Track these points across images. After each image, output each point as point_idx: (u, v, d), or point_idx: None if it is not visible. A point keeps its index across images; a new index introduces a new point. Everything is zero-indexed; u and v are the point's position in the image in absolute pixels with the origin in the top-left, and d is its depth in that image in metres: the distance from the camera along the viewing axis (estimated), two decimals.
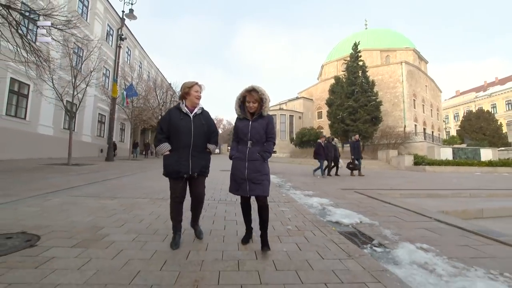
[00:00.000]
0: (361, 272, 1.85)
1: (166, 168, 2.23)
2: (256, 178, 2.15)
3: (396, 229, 2.96)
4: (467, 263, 2.03)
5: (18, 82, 12.05)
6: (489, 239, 2.69)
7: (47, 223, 2.69)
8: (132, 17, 14.86)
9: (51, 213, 3.09)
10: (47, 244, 2.14)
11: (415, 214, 3.69)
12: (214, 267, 1.85)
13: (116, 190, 4.98)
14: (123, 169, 9.41)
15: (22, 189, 4.47)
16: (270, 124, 2.27)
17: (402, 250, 2.25)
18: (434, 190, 6.57)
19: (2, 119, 11.17)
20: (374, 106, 26.46)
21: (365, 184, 7.59)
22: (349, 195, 5.25)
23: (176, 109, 2.31)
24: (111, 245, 2.19)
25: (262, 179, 2.17)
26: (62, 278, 1.61)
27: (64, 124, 15.28)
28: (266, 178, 2.22)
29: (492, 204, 4.82)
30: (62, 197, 4.06)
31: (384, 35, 40.05)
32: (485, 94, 52.37)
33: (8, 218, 2.82)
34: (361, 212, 3.69)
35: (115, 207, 3.51)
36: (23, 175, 6.39)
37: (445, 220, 3.37)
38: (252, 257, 2.05)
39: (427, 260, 2.05)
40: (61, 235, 2.37)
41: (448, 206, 4.59)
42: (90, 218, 2.95)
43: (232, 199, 4.25)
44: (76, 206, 3.50)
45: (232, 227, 2.83)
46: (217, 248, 2.22)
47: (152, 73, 29.30)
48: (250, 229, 2.37)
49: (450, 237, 2.74)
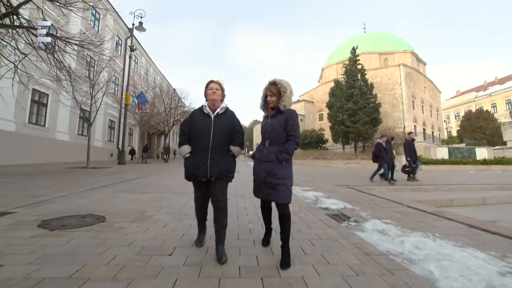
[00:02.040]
0: (335, 235, 2.68)
1: (186, 171, 2.17)
2: (271, 182, 1.97)
3: (372, 211, 3.78)
4: (412, 230, 2.84)
5: (39, 92, 13.06)
6: (441, 217, 3.50)
7: (102, 209, 3.55)
8: (141, 29, 15.87)
9: (101, 203, 3.96)
10: (113, 220, 3.00)
11: (391, 202, 4.51)
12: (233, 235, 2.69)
13: (143, 187, 5.85)
14: (139, 172, 10.29)
15: (66, 187, 5.35)
16: (291, 120, 2.02)
17: (369, 223, 3.08)
18: (417, 185, 7.36)
19: (25, 126, 12.16)
20: (373, 108, 27.24)
21: (357, 181, 8.39)
22: (341, 190, 6.07)
23: (199, 110, 2.26)
24: (158, 221, 3.04)
25: (277, 183, 1.96)
26: (135, 237, 2.46)
27: (78, 130, 16.27)
28: (283, 182, 1.97)
29: (463, 195, 5.62)
30: (101, 192, 4.93)
31: (382, 38, 40.88)
32: (485, 93, 52.84)
33: (72, 206, 3.69)
34: (347, 201, 4.51)
35: (148, 199, 4.37)
36: (58, 177, 7.29)
37: (414, 206, 4.18)
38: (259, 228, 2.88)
39: (384, 228, 2.87)
40: (118, 215, 3.23)
41: (424, 197, 5.40)
42: (133, 206, 3.80)
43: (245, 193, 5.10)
44: (117, 198, 4.37)
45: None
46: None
47: (157, 79, 30.37)
48: (269, 229, 2.28)
49: (411, 216, 3.55)
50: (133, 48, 15.83)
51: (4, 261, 1.86)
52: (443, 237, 2.59)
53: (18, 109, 11.46)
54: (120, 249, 2.14)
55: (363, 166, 18.98)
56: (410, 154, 8.73)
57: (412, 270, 1.87)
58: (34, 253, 2.00)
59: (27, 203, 3.78)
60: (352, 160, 21.32)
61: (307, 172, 12.14)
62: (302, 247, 2.28)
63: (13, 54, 5.99)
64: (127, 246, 2.21)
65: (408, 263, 2.00)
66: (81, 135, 16.41)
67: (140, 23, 15.82)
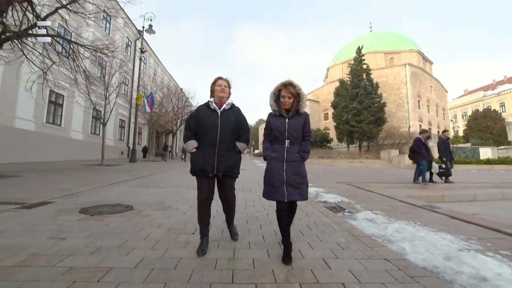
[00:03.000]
0: (330, 222, 3.13)
1: (192, 166, 2.20)
2: (296, 181, 2.03)
3: (366, 204, 4.21)
4: (398, 219, 3.27)
5: (55, 93, 13.74)
6: (428, 210, 3.91)
7: (127, 200, 4.06)
8: (151, 32, 16.45)
9: (124, 195, 4.48)
10: (139, 209, 3.50)
11: (385, 197, 4.92)
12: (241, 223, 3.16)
13: (157, 182, 6.38)
14: (150, 169, 10.86)
15: (89, 182, 5.91)
16: (308, 122, 2.16)
17: (361, 214, 3.51)
18: (412, 183, 7.71)
19: (43, 126, 12.86)
20: (377, 108, 27.42)
21: (358, 178, 8.78)
22: (341, 186, 6.49)
23: (205, 106, 2.28)
24: (178, 210, 3.53)
25: (301, 182, 2.06)
26: (162, 221, 2.95)
27: (91, 129, 16.98)
28: (305, 181, 2.10)
29: (455, 192, 5.98)
30: (122, 187, 5.47)
31: (388, 37, 40.80)
32: (493, 92, 52.23)
33: (100, 198, 4.21)
34: (345, 196, 4.94)
35: (164, 192, 4.88)
36: (78, 173, 7.89)
37: (406, 201, 4.59)
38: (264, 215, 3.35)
39: (373, 217, 3.30)
40: (143, 205, 3.73)
41: (418, 193, 5.78)
42: (153, 198, 4.31)
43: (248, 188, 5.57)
44: (136, 192, 4.88)
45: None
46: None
47: (165, 79, 31.05)
48: (289, 244, 2.01)
49: (400, 209, 3.96)
50: (144, 50, 16.43)
51: (65, 236, 2.37)
52: (423, 225, 3.01)
53: (37, 109, 12.18)
54: (152, 229, 2.63)
55: (367, 165, 19.27)
56: (446, 154, 8.08)
57: (389, 247, 2.31)
58: (84, 231, 2.50)
59: (60, 195, 4.31)
60: (356, 159, 21.60)
61: (311, 170, 12.52)
62: (301, 230, 2.74)
63: (41, 62, 6.57)
64: (157, 227, 2.70)
65: (387, 243, 2.44)
66: (94, 134, 17.13)
67: (150, 25, 16.39)
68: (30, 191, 4.50)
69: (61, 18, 6.83)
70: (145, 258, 1.92)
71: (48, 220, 2.86)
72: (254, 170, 11.93)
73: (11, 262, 1.80)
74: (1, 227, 2.56)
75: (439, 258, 2.05)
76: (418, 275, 1.79)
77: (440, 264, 1.95)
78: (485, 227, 3.04)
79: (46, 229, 2.54)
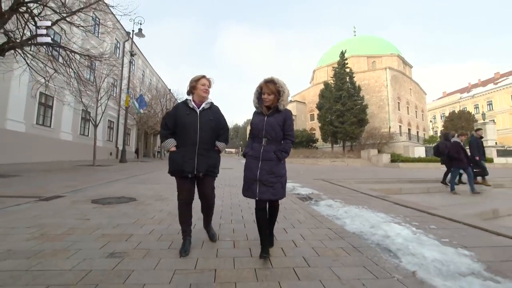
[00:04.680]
0: (297, 207, 3.94)
1: (171, 165, 2.14)
2: (268, 180, 2.00)
3: (331, 195, 5.06)
4: (351, 205, 4.11)
5: (45, 95, 13.96)
6: (380, 199, 4.80)
7: (129, 194, 4.72)
8: (141, 36, 16.88)
9: (125, 190, 5.13)
10: (142, 200, 4.19)
11: (350, 190, 5.81)
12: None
13: (152, 180, 7.03)
14: (141, 169, 11.40)
15: (88, 180, 6.49)
16: (288, 120, 2.10)
17: (324, 201, 4.35)
18: (382, 179, 8.73)
19: (33, 127, 13.10)
20: (359, 110, 28.76)
21: (335, 175, 9.71)
22: (316, 182, 7.36)
23: (183, 104, 2.22)
24: (174, 200, 4.21)
25: (274, 181, 2.01)
26: (162, 208, 3.66)
27: (80, 130, 17.20)
28: (280, 180, 2.04)
29: (411, 185, 6.97)
30: (120, 184, 6.09)
31: (370, 42, 42.59)
32: (468, 95, 55.30)
33: (104, 192, 4.85)
34: (317, 189, 5.79)
35: (160, 188, 5.55)
36: (74, 173, 8.38)
37: (366, 192, 5.48)
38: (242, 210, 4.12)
39: (332, 204, 4.15)
40: (144, 197, 4.42)
41: (379, 187, 6.72)
42: (151, 192, 4.99)
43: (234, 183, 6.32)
44: (135, 188, 5.54)
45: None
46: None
47: (153, 80, 31.24)
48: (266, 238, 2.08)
49: (358, 198, 4.83)
50: (133, 53, 16.84)
51: (89, 217, 3.05)
52: (368, 208, 3.87)
53: (28, 111, 12.45)
54: (155, 213, 3.35)
55: (348, 164, 20.43)
56: (479, 153, 7.39)
57: (335, 222, 3.14)
58: (102, 215, 3.19)
59: (67, 190, 4.92)
60: (339, 158, 22.78)
61: (294, 169, 13.42)
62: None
63: (41, 69, 7.08)
64: (159, 212, 3.43)
65: (334, 219, 3.27)
66: (83, 135, 17.35)
67: (140, 29, 16.82)
68: (38, 188, 5.07)
69: (60, 29, 7.32)
70: (155, 230, 2.65)
71: (69, 208, 3.52)
72: (240, 169, 12.65)
73: (58, 232, 2.49)
74: (33, 213, 3.20)
75: (366, 227, 2.89)
76: (347, 236, 2.62)
77: (365, 230, 2.79)
78: (416, 209, 3.93)
79: (71, 213, 3.21)
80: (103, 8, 7.71)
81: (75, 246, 2.14)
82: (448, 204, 5.20)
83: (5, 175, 6.87)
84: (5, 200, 3.82)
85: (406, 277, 1.76)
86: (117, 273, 1.71)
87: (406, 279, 1.72)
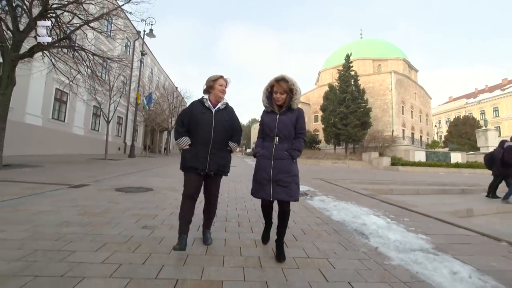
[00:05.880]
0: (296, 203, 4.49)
1: (183, 162, 2.17)
2: (283, 179, 1.98)
3: (326, 192, 5.60)
4: (342, 200, 4.66)
5: (60, 91, 14.72)
6: (370, 197, 5.33)
7: (145, 185, 5.33)
8: (151, 36, 17.54)
9: (140, 182, 5.74)
10: (158, 190, 4.79)
11: (344, 189, 6.34)
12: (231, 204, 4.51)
13: (163, 174, 7.64)
14: (150, 163, 12.06)
15: (105, 172, 7.12)
16: (301, 119, 2.11)
17: (318, 197, 4.90)
18: (377, 180, 9.22)
19: (49, 121, 13.85)
20: (363, 113, 29.13)
21: (334, 176, 10.23)
22: (314, 181, 7.90)
23: (199, 103, 2.24)
24: None
25: (289, 181, 1.99)
26: (177, 196, 4.24)
27: (91, 125, 17.96)
28: (295, 180, 2.02)
29: (402, 187, 7.47)
30: (135, 177, 6.71)
31: (377, 45, 42.76)
32: (475, 100, 55.10)
33: (123, 183, 5.46)
34: (313, 187, 6.33)
35: (173, 180, 6.15)
36: (90, 165, 9.05)
37: (358, 191, 6.01)
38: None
39: (325, 199, 4.69)
40: (159, 188, 5.02)
41: (372, 187, 7.23)
42: (165, 184, 5.59)
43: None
44: (149, 180, 6.15)
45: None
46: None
47: (161, 78, 31.99)
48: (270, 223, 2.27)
49: (350, 196, 5.37)
50: (144, 53, 17.50)
51: (117, 201, 3.66)
52: (355, 204, 4.41)
53: (44, 106, 13.21)
54: (172, 200, 3.94)
55: (349, 166, 20.88)
56: None
57: (324, 213, 3.69)
58: (127, 200, 3.79)
59: (90, 180, 5.54)
60: (340, 160, 23.22)
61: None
62: None
63: (68, 73, 7.77)
64: (174, 200, 4.01)
65: (324, 211, 3.82)
66: (94, 130, 18.11)
67: (151, 29, 17.48)
68: (63, 177, 5.70)
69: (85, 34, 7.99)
70: (174, 213, 3.23)
71: (98, 194, 4.13)
72: (244, 167, 13.27)
73: (97, 211, 3.09)
74: (70, 197, 3.82)
75: (349, 217, 3.43)
76: (331, 223, 3.17)
77: (347, 219, 3.34)
78: (398, 206, 4.46)
79: (101, 198, 3.82)
80: (122, 15, 8.31)
81: (115, 221, 2.74)
82: (431, 203, 5.70)
83: (31, 165, 7.54)
84: (43, 186, 4.45)
85: (370, 250, 2.32)
86: (152, 238, 2.31)
87: (369, 252, 2.28)
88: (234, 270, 1.79)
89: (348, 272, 1.86)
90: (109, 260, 1.81)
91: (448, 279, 1.80)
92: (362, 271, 1.88)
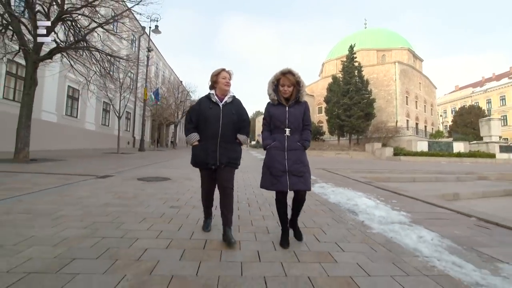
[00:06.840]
0: None
1: (194, 158, 2.25)
2: (298, 170, 2.04)
3: (326, 180, 6.11)
4: (340, 186, 5.16)
5: (72, 88, 15.35)
6: (366, 184, 5.82)
7: (162, 175, 5.90)
8: (157, 32, 17.94)
9: (157, 173, 6.31)
10: (174, 179, 5.35)
11: (344, 177, 6.84)
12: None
13: (175, 165, 8.23)
14: (160, 157, 12.68)
15: (122, 165, 7.73)
16: (307, 111, 2.19)
17: (318, 184, 5.41)
18: (376, 170, 9.68)
19: (63, 118, 14.53)
20: (366, 104, 29.28)
21: (336, 166, 10.71)
22: (316, 171, 8.39)
23: (206, 99, 2.28)
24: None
25: (304, 171, 2.08)
26: (192, 184, 4.80)
27: (102, 121, 18.65)
28: (308, 170, 2.11)
29: (398, 175, 7.94)
30: (149, 169, 7.29)
31: (381, 35, 42.35)
32: (481, 89, 54.33)
33: (142, 174, 6.04)
34: (315, 176, 6.80)
35: (187, 171, 6.71)
36: (106, 159, 9.69)
37: (356, 179, 6.51)
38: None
39: (324, 186, 5.21)
40: (176, 177, 5.58)
41: (371, 176, 7.71)
42: (179, 174, 6.16)
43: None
44: (164, 171, 6.72)
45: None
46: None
47: (166, 73, 32.45)
48: (286, 229, 2.19)
49: (349, 183, 5.86)
50: (150, 49, 17.95)
51: (143, 188, 4.22)
52: (351, 189, 4.92)
53: (58, 103, 13.88)
54: (189, 187, 4.50)
55: (352, 157, 21.29)
56: None
57: (322, 196, 4.21)
58: (151, 187, 4.36)
59: (113, 172, 6.13)
60: (344, 151, 23.63)
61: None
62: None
63: (85, 71, 8.33)
64: (192, 187, 4.57)
65: (322, 195, 4.34)
66: (104, 125, 18.81)
67: (156, 26, 17.85)
68: (88, 169, 6.31)
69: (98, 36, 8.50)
70: (193, 197, 3.79)
71: (123, 183, 4.71)
72: (250, 159, 13.81)
73: (128, 195, 3.66)
74: (100, 185, 4.40)
75: (344, 200, 3.95)
76: (327, 204, 3.70)
77: (342, 201, 3.86)
78: (390, 191, 4.96)
79: (128, 186, 4.40)
80: (132, 17, 8.76)
81: (145, 203, 3.30)
82: (423, 189, 6.18)
83: (54, 159, 8.19)
84: (73, 177, 5.05)
85: (357, 223, 2.84)
86: (180, 214, 2.86)
87: (356, 224, 2.80)
88: (248, 235, 2.34)
89: (337, 236, 2.39)
90: (152, 228, 2.37)
91: (414, 241, 2.31)
92: (348, 236, 2.40)
